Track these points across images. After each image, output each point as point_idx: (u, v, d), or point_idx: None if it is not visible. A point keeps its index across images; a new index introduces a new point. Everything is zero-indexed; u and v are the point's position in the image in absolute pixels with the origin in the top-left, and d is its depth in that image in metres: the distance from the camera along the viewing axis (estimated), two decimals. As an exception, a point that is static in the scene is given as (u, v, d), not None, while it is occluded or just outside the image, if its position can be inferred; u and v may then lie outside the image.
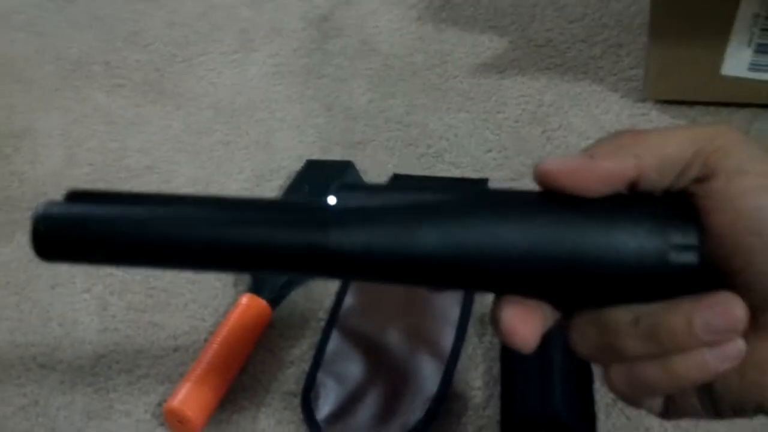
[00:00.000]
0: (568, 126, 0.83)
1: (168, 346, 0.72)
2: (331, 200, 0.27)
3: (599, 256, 0.27)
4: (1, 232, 0.83)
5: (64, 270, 0.79)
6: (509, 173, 0.80)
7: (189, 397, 0.65)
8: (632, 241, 0.27)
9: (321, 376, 0.67)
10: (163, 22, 1.07)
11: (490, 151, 0.83)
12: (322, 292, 0.74)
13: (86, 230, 0.26)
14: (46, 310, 0.76)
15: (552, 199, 0.28)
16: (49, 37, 1.07)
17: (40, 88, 1.00)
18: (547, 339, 0.61)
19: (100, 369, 0.71)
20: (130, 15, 1.09)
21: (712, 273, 0.28)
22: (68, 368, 0.72)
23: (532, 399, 0.59)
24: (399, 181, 0.81)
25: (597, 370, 0.64)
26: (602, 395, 0.63)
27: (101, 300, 0.76)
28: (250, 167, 0.86)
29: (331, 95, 0.93)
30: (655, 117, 0.82)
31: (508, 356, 0.64)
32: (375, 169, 0.84)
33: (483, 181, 0.78)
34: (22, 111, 0.97)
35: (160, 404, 0.68)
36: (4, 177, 0.89)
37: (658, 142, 0.29)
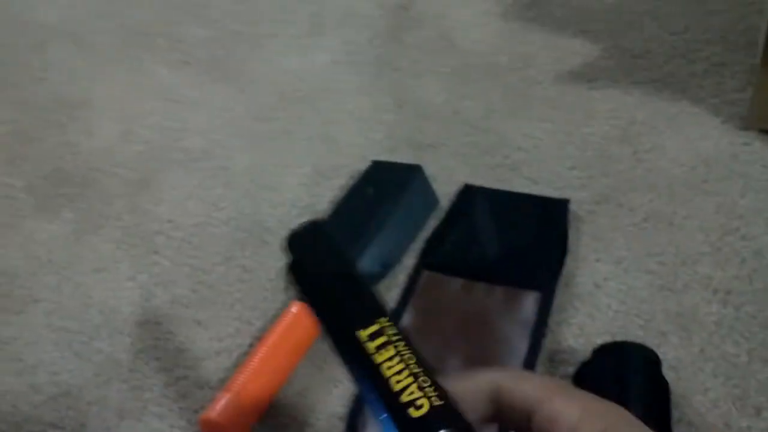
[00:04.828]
0: (661, 148, 0.76)
1: (210, 348, 0.68)
2: None
3: None
4: (47, 206, 0.79)
5: (108, 254, 0.75)
6: (593, 195, 0.73)
7: (228, 410, 0.60)
8: None
9: (371, 401, 0.61)
10: (232, -3, 1.02)
11: (573, 168, 0.76)
12: (378, 305, 0.69)
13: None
14: (87, 295, 0.72)
15: None
16: (111, 1, 1.03)
17: (99, 54, 0.96)
18: (624, 365, 0.55)
19: (138, 365, 0.67)
20: (200, -14, 1.05)
21: None
22: (105, 360, 0.68)
23: None
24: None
25: (673, 398, 0.58)
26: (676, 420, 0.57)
27: (145, 290, 0.72)
28: (311, 162, 0.81)
29: (403, 90, 0.87)
30: (759, 148, 0.74)
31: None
32: (444, 177, 0.78)
33: (563, 202, 0.72)
34: (81, 77, 0.93)
35: (196, 411, 0.64)
36: (57, 147, 0.85)
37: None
